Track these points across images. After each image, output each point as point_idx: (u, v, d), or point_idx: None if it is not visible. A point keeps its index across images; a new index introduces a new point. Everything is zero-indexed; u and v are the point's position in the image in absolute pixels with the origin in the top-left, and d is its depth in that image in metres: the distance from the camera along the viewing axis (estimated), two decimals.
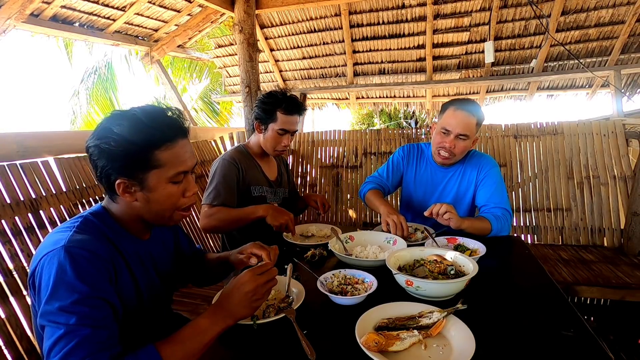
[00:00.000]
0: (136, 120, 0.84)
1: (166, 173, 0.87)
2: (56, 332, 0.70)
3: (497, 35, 4.10)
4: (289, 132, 1.77)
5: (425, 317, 0.92)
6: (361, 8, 4.23)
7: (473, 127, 1.61)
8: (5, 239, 1.40)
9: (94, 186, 1.87)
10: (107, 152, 0.83)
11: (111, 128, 0.83)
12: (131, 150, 0.82)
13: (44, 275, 0.75)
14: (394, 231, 1.52)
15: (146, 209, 0.90)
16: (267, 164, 1.92)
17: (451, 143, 1.62)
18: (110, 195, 0.91)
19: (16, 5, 2.86)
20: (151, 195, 0.87)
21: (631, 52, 3.79)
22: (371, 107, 5.63)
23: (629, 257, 2.39)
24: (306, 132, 3.40)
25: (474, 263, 1.11)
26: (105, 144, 0.82)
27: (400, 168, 1.92)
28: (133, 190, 0.87)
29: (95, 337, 0.71)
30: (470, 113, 1.60)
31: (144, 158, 0.84)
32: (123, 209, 0.91)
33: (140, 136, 0.83)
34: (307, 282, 1.14)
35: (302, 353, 0.83)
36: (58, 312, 0.71)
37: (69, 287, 0.73)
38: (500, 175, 1.73)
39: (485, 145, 2.88)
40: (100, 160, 0.84)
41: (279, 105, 1.72)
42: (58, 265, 0.74)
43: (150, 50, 4.63)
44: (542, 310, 1.02)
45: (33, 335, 1.38)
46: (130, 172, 0.84)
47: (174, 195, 0.90)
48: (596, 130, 2.64)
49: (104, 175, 0.85)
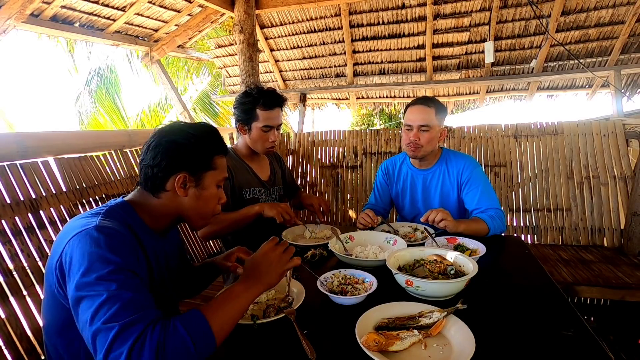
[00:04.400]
0: (205, 128, 0.99)
1: (218, 176, 1.00)
2: (97, 300, 0.71)
3: (497, 35, 4.10)
4: (273, 127, 1.73)
5: (425, 317, 0.92)
6: (361, 8, 4.23)
7: (432, 117, 1.68)
8: (5, 239, 1.40)
9: (94, 186, 1.87)
10: (182, 146, 0.93)
11: (187, 130, 0.95)
12: (202, 149, 0.95)
13: (76, 252, 0.77)
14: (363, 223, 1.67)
15: (192, 205, 0.98)
16: (258, 165, 1.88)
17: (415, 136, 1.69)
18: (154, 191, 0.96)
19: (16, 5, 2.86)
20: (202, 193, 0.98)
21: (631, 52, 3.79)
22: (371, 107, 5.62)
23: (629, 257, 2.39)
24: (306, 132, 3.41)
25: (474, 263, 1.12)
26: (183, 139, 0.93)
27: (385, 187, 1.99)
28: (188, 186, 0.95)
29: (138, 300, 0.73)
30: (426, 105, 1.69)
31: (208, 159, 0.97)
32: (164, 203, 0.96)
33: (208, 140, 0.98)
34: (307, 282, 1.15)
35: (302, 353, 0.83)
36: (96, 282, 0.72)
37: (105, 259, 0.76)
38: (484, 175, 1.76)
39: (485, 145, 2.88)
40: (170, 154, 0.92)
41: (257, 102, 1.68)
42: (92, 240, 0.78)
43: (151, 51, 4.63)
44: (542, 310, 1.02)
45: (33, 335, 1.38)
46: (195, 169, 0.95)
47: (216, 197, 1.02)
48: (596, 131, 2.64)
49: (164, 169, 0.92)
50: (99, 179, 1.91)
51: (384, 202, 2.00)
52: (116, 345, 0.67)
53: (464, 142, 2.95)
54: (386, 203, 2.00)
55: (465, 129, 2.96)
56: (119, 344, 0.67)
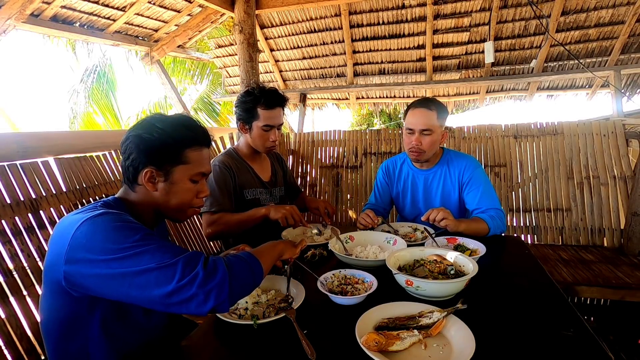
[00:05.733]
0: (177, 121, 0.97)
1: (190, 171, 0.98)
2: (147, 253, 0.76)
3: (497, 36, 4.10)
4: (274, 127, 1.73)
5: (425, 317, 0.92)
6: (361, 8, 4.23)
7: (434, 121, 1.65)
8: (5, 239, 1.40)
9: (94, 186, 1.87)
10: (146, 141, 0.92)
11: (154, 123, 0.94)
12: (168, 143, 0.93)
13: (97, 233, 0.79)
14: (363, 224, 1.66)
15: (163, 199, 0.97)
16: (259, 165, 1.88)
17: (417, 140, 1.68)
18: (130, 185, 0.98)
19: (16, 5, 2.86)
20: (172, 188, 0.97)
21: (631, 52, 3.79)
22: (371, 107, 5.62)
23: (629, 257, 2.39)
24: (306, 132, 3.40)
25: (474, 263, 1.12)
26: (147, 133, 0.93)
27: (386, 187, 1.98)
28: (157, 181, 0.95)
29: (183, 248, 0.81)
30: (427, 108, 1.66)
31: (176, 152, 0.95)
32: (140, 198, 0.98)
33: (177, 133, 0.95)
34: (307, 282, 1.15)
35: (302, 353, 0.83)
36: (135, 245, 0.77)
37: (133, 227, 0.81)
38: (485, 175, 1.76)
39: (486, 145, 2.88)
40: (137, 149, 0.92)
41: (258, 101, 1.68)
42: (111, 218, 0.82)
43: (151, 51, 4.63)
44: (542, 310, 1.02)
45: (33, 335, 1.38)
46: (161, 163, 0.94)
47: (191, 192, 1.00)
48: (596, 131, 2.64)
49: (133, 164, 0.93)
50: (99, 179, 1.91)
51: (384, 202, 2.00)
52: (188, 269, 0.74)
53: (464, 142, 2.95)
54: (386, 203, 2.00)
55: (465, 129, 2.96)
56: (191, 267, 0.74)
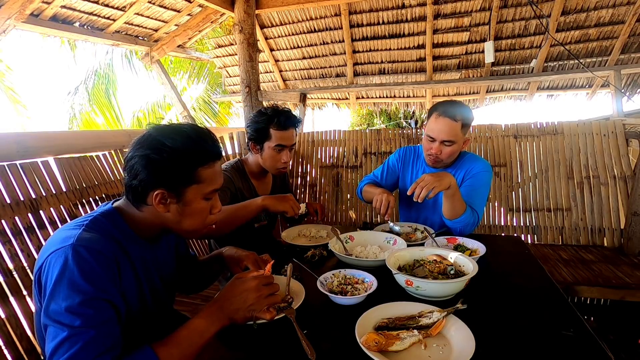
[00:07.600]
0: (188, 137, 0.87)
1: (204, 189, 0.90)
2: (60, 334, 0.71)
3: (497, 35, 4.10)
4: (286, 147, 1.68)
5: (425, 317, 0.92)
6: (361, 8, 4.23)
7: (458, 132, 1.58)
8: (5, 239, 1.40)
9: (94, 186, 1.87)
10: (155, 162, 0.84)
11: (163, 141, 0.85)
12: (179, 164, 0.86)
13: (50, 272, 0.75)
14: (377, 205, 1.60)
15: (176, 220, 0.91)
16: (262, 184, 1.84)
17: (437, 149, 1.61)
18: (136, 203, 0.90)
19: (16, 5, 2.86)
20: (185, 209, 0.90)
21: (631, 52, 3.79)
22: (371, 107, 5.62)
23: (629, 257, 2.39)
24: (306, 132, 3.40)
25: (474, 263, 1.12)
26: (156, 154, 0.84)
27: (396, 170, 1.93)
28: (168, 202, 0.88)
29: (99, 340, 0.72)
30: (453, 119, 1.56)
31: (189, 173, 0.88)
32: (147, 217, 0.91)
33: (188, 152, 0.87)
34: (307, 282, 1.15)
35: (302, 353, 0.83)
36: (63, 313, 0.72)
37: (75, 287, 0.73)
38: (488, 181, 1.69)
39: (485, 145, 2.88)
40: (144, 170, 0.85)
41: (271, 122, 1.64)
42: (65, 263, 0.75)
43: (150, 50, 4.63)
44: (542, 310, 1.02)
45: (33, 335, 1.38)
46: (173, 185, 0.87)
47: (205, 210, 0.94)
48: (596, 130, 2.64)
49: (141, 185, 0.86)
50: (99, 179, 1.91)
51: (387, 183, 1.94)
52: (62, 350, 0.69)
53: None
54: (389, 185, 1.94)
55: None
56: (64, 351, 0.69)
